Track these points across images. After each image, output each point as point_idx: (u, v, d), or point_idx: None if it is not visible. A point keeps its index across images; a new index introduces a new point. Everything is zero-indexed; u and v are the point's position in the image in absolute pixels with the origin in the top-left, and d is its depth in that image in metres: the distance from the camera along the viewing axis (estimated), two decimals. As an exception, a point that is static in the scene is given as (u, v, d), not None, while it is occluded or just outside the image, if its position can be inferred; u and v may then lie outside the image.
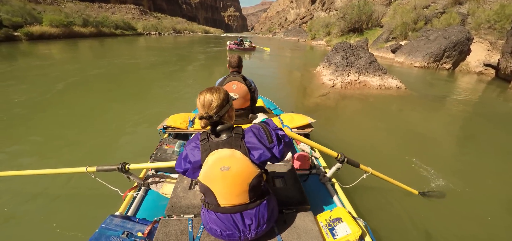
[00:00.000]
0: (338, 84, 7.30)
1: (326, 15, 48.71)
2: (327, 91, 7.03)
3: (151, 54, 17.26)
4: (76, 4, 63.35)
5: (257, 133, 1.12)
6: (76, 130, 4.14)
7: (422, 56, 13.72)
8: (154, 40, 38.65)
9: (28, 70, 9.47)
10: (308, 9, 71.05)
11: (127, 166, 1.70)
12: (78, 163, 1.89)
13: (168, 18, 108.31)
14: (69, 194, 2.54)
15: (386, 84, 7.17)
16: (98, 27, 40.94)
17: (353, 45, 8.61)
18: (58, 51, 17.42)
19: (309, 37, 40.65)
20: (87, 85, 7.25)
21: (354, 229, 1.36)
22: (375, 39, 21.76)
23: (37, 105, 5.30)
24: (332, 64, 8.35)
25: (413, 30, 17.21)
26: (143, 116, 4.72)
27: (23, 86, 6.72)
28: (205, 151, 1.07)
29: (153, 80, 8.37)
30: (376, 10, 26.44)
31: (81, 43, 26.23)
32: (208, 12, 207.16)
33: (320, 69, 9.05)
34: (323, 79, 7.92)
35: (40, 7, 40.40)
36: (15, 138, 3.80)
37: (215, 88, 1.10)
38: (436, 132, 4.71)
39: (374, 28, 25.88)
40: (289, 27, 68.14)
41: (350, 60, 8.03)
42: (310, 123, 2.53)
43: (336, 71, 7.86)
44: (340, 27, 28.39)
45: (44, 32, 29.40)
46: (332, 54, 8.72)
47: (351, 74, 7.58)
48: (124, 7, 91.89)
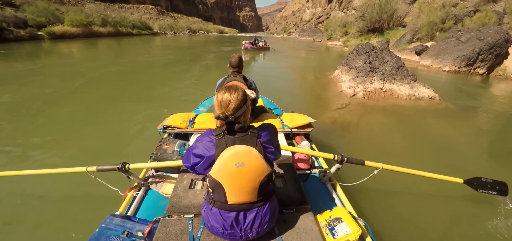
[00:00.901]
0: (360, 93, 6.32)
1: (344, 14, 47.31)
2: (346, 101, 6.02)
3: (164, 53, 17.71)
4: (97, 4, 65.99)
5: (270, 132, 1.17)
6: (80, 127, 4.28)
7: (452, 60, 12.40)
8: (169, 39, 39.60)
9: (51, 67, 10.35)
10: (325, 9, 69.36)
11: (127, 166, 1.69)
12: (78, 161, 2.03)
13: (184, 18, 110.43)
14: (69, 194, 2.55)
15: (416, 94, 6.11)
16: (116, 26, 42.23)
17: (377, 47, 7.66)
18: (77, 50, 18.56)
19: (325, 37, 39.53)
20: (99, 83, 7.60)
21: (354, 229, 1.36)
22: (397, 40, 20.35)
23: (53, 100, 5.67)
24: (352, 69, 7.33)
25: (441, 30, 15.76)
26: (147, 115, 4.77)
27: (44, 83, 7.34)
28: (220, 146, 1.07)
29: (163, 78, 8.54)
30: (399, 9, 24.80)
31: (100, 42, 27.13)
32: (223, 12, 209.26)
33: (338, 74, 8.13)
34: (341, 87, 6.95)
35: (64, 7, 42.32)
36: (22, 134, 3.98)
37: (234, 88, 1.09)
38: (489, 156, 3.80)
39: (396, 28, 24.29)
40: (305, 27, 66.86)
41: (373, 64, 7.00)
42: (310, 123, 2.53)
43: (357, 77, 6.86)
44: (359, 27, 26.95)
45: (65, 31, 30.63)
46: (352, 57, 7.72)
47: (374, 81, 6.55)
48: (143, 8, 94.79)
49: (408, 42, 18.27)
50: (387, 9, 23.85)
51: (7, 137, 3.87)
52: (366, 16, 25.72)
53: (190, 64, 12.94)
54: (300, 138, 2.50)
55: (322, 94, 7.08)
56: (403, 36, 19.58)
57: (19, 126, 4.33)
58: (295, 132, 2.50)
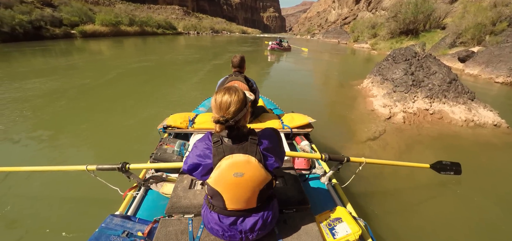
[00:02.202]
0: (399, 115, 4.80)
1: (372, 15, 44.61)
2: (380, 127, 4.46)
3: (186, 53, 18.21)
4: (126, 5, 69.52)
5: (273, 140, 1.12)
6: (85, 125, 4.33)
7: (508, 69, 10.40)
8: (192, 39, 40.69)
9: (84, 63, 11.35)
10: (352, 9, 66.29)
11: (127, 166, 1.71)
12: (79, 158, 2.38)
13: (209, 18, 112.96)
14: (69, 193, 2.52)
15: (476, 119, 4.54)
16: (142, 26, 43.93)
17: (420, 53, 6.09)
18: (106, 48, 19.87)
19: (351, 39, 37.53)
20: (122, 79, 8.04)
21: (354, 229, 1.36)
22: (435, 43, 18.18)
23: (74, 95, 5.93)
24: (387, 81, 5.98)
25: (491, 34, 13.56)
26: (154, 115, 4.74)
27: (74, 78, 7.90)
28: (218, 155, 1.02)
29: (177, 78, 8.68)
30: (438, 8, 22.26)
31: (126, 41, 28.26)
32: (247, 13, 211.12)
33: (367, 85, 6.77)
34: (373, 104, 5.48)
35: (97, 8, 44.96)
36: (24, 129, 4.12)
37: (233, 89, 1.03)
38: None
39: (433, 30, 21.81)
40: (329, 28, 64.41)
41: (417, 76, 5.52)
42: (310, 123, 2.55)
43: (394, 93, 5.40)
44: (390, 28, 24.71)
45: (96, 30, 32.40)
46: (388, 65, 6.43)
47: (418, 98, 5.06)
48: (170, 8, 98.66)
49: (449, 46, 16.13)
50: (424, 8, 21.48)
51: (28, 129, 4.08)
52: (399, 16, 23.48)
53: (203, 63, 12.66)
54: (300, 138, 2.49)
55: (348, 113, 5.44)
56: (443, 40, 17.41)
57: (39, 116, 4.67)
58: (295, 132, 2.49)
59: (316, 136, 3.01)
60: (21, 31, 22.15)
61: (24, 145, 3.55)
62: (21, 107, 4.96)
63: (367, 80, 6.98)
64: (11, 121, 4.30)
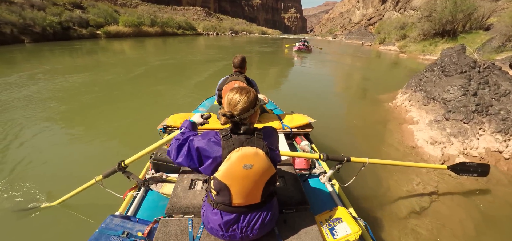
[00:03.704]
0: (457, 159, 3.28)
1: (400, 15, 41.47)
2: (432, 183, 2.87)
3: (204, 53, 18.57)
4: (149, 6, 72.02)
5: (273, 135, 1.18)
6: (92, 125, 4.52)
7: None
8: (212, 39, 41.02)
9: (107, 61, 12.30)
10: (377, 9, 62.74)
11: (123, 163, 1.73)
12: (81, 159, 2.76)
13: (229, 19, 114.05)
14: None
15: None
16: (163, 27, 44.99)
17: (481, 63, 4.42)
18: (128, 48, 20.81)
19: (376, 40, 35.12)
20: (141, 78, 8.40)
21: (354, 229, 1.35)
22: (477, 46, 15.91)
23: (99, 97, 6.09)
24: (434, 100, 4.35)
25: (553, 35, 11.34)
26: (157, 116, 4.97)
27: (95, 76, 8.41)
28: (227, 147, 1.05)
29: (188, 77, 8.87)
30: (481, 6, 19.65)
31: (147, 41, 29.01)
32: (268, 14, 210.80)
33: (403, 103, 5.03)
34: (414, 136, 3.85)
35: (123, 9, 46.93)
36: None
37: (246, 90, 1.09)
38: None
39: (474, 31, 19.27)
40: (353, 29, 61.43)
41: (481, 96, 3.89)
42: (310, 123, 2.56)
43: (445, 120, 3.83)
44: (423, 28, 22.37)
45: (119, 31, 33.68)
46: (434, 78, 4.74)
47: (486, 132, 3.45)
48: (192, 9, 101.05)
49: (496, 50, 13.96)
50: (464, 6, 19.05)
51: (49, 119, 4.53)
52: (434, 16, 21.14)
53: (214, 64, 12.21)
54: (300, 138, 2.49)
55: (377, 145, 3.90)
56: (488, 42, 15.16)
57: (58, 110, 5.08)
58: (295, 132, 2.50)
59: (316, 136, 3.07)
60: (51, 31, 23.48)
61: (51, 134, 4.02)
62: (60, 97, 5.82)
63: (403, 96, 5.43)
64: (58, 113, 4.86)
